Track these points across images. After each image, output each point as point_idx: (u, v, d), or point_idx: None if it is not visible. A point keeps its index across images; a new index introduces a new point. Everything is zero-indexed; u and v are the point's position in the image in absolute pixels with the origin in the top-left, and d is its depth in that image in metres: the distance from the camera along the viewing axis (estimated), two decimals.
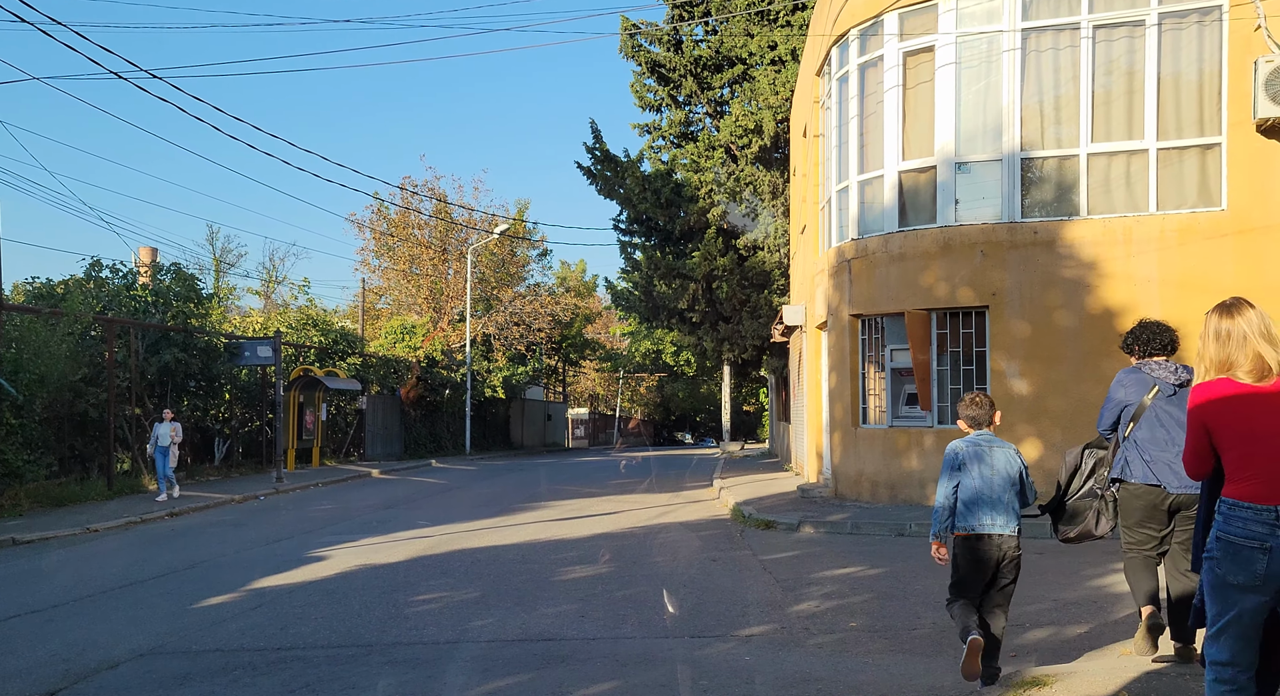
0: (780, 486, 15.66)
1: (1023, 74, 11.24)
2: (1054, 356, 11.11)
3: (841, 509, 11.93)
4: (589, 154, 25.55)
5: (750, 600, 7.11)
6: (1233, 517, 3.12)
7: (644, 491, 16.72)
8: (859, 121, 12.62)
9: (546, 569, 8.65)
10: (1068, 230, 11.14)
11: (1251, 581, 3.08)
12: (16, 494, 13.60)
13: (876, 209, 12.36)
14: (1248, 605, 3.12)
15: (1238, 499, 3.13)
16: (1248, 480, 3.12)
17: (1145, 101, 10.85)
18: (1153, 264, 10.84)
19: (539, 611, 6.81)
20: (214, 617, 6.87)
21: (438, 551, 9.81)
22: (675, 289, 24.68)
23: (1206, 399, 3.23)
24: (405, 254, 38.43)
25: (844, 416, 12.86)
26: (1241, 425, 3.15)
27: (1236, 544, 3.10)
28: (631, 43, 23.89)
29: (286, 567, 8.95)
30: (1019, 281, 11.29)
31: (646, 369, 55.30)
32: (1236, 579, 3.10)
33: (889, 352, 12.43)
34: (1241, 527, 3.09)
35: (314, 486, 18.70)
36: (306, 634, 6.28)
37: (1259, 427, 3.12)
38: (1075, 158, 11.13)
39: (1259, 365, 3.15)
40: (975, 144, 11.49)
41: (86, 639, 6.29)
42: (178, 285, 18.99)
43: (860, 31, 12.54)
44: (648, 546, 9.94)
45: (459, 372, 33.87)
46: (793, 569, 8.46)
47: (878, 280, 12.23)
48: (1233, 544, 3.11)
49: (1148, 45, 10.84)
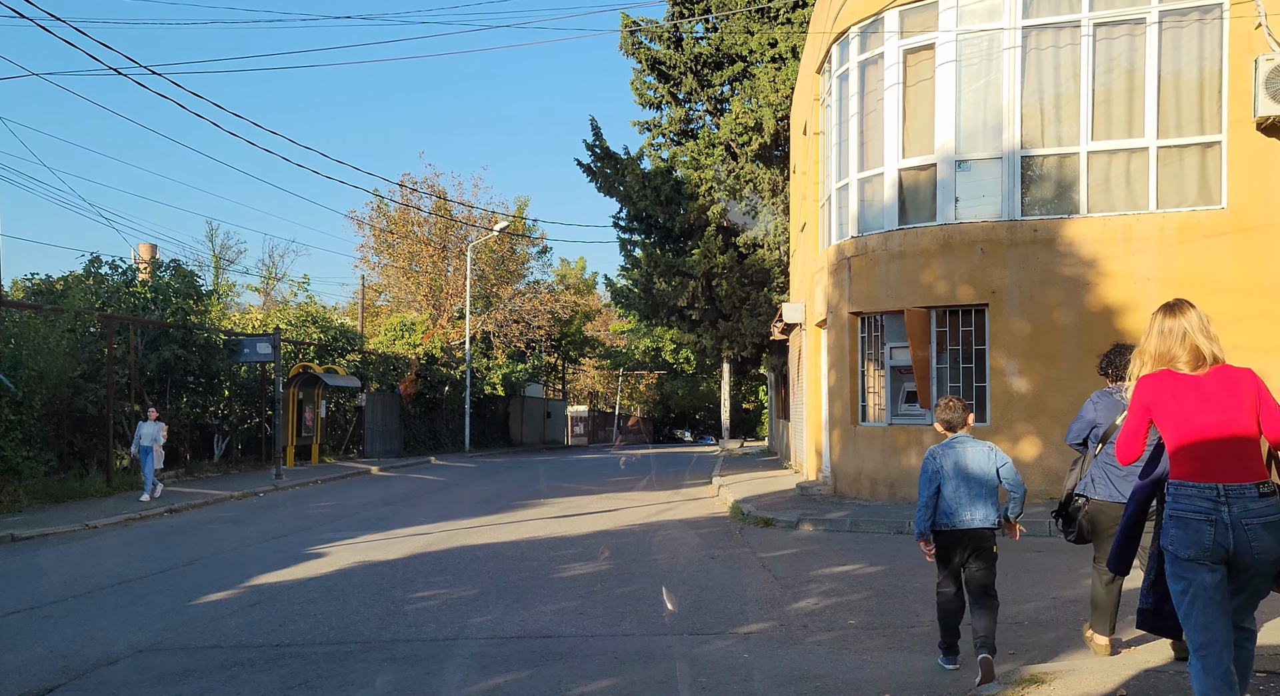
0: (779, 484, 15.66)
1: (1023, 72, 11.23)
2: (1054, 354, 11.11)
3: (840, 506, 11.93)
4: (589, 151, 25.55)
5: (749, 597, 7.10)
6: (1180, 496, 3.42)
7: (643, 489, 16.72)
8: (859, 119, 12.61)
9: (545, 566, 8.65)
10: (1068, 228, 11.13)
11: (1201, 553, 3.33)
12: (15, 490, 13.59)
13: (876, 206, 12.35)
14: (1205, 580, 3.34)
15: (1182, 479, 3.43)
16: (1188, 461, 3.42)
17: (1146, 99, 10.84)
18: (1153, 262, 10.83)
19: (538, 608, 6.82)
20: (213, 614, 6.87)
21: (437, 548, 9.81)
22: (675, 286, 24.68)
23: (1150, 387, 3.56)
24: (405, 251, 38.43)
25: (843, 414, 12.86)
26: (1180, 411, 3.46)
27: (1185, 517, 3.38)
28: (632, 40, 23.87)
29: (285, 564, 8.95)
30: (1019, 279, 11.29)
31: (646, 366, 55.34)
32: (1188, 551, 3.35)
33: (888, 350, 12.43)
34: (1188, 503, 3.38)
35: (313, 483, 18.70)
36: (305, 630, 6.28)
37: (1195, 413, 3.43)
38: (1075, 156, 11.12)
39: (1196, 357, 3.50)
40: (975, 142, 11.48)
41: (85, 635, 6.29)
42: (177, 282, 18.98)
43: (861, 29, 12.53)
44: (647, 544, 9.95)
45: (458, 370, 33.88)
46: (792, 566, 8.46)
47: (877, 278, 12.23)
48: (1182, 518, 3.39)
49: (1148, 43, 10.83)
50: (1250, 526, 3.29)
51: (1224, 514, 3.31)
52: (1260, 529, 3.29)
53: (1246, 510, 3.31)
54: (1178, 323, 3.54)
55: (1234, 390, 3.44)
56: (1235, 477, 3.35)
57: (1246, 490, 3.33)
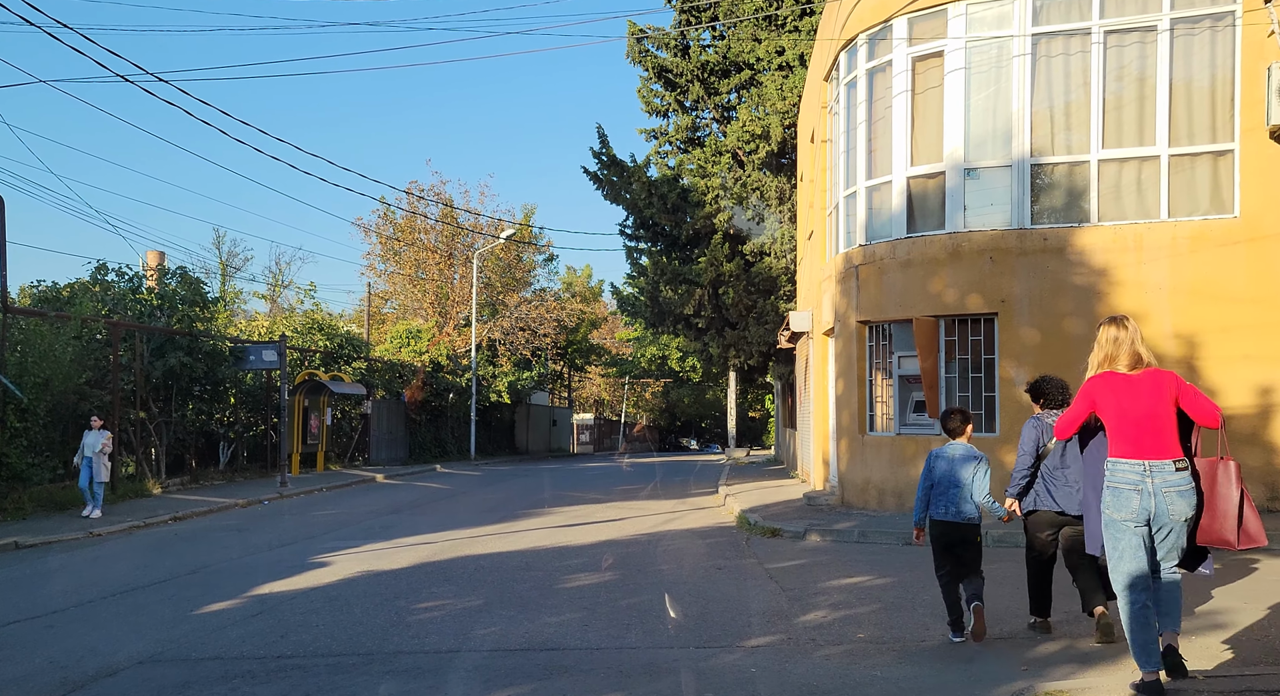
0: (786, 494, 15.55)
1: (1033, 79, 11.16)
2: (1064, 364, 10.94)
3: (848, 517, 11.83)
4: (595, 159, 25.52)
5: (756, 609, 7.02)
6: (1115, 470, 4.45)
7: (649, 497, 16.63)
8: (867, 127, 12.55)
9: (550, 576, 8.57)
10: (1078, 237, 11.04)
11: (1130, 515, 4.38)
12: (20, 497, 13.57)
13: (885, 215, 12.27)
14: (1133, 539, 4.40)
15: (1117, 458, 4.46)
16: (1122, 443, 4.44)
17: (1157, 107, 10.75)
18: (1164, 271, 10.73)
19: (542, 620, 6.74)
20: (214, 624, 6.81)
21: (441, 558, 9.74)
22: (681, 294, 24.60)
23: (1096, 386, 4.57)
24: (411, 258, 38.43)
25: (851, 423, 12.76)
26: (1118, 403, 4.46)
27: (1119, 488, 4.42)
28: (639, 48, 23.85)
29: (289, 574, 8.89)
30: (1028, 288, 11.19)
31: (652, 374, 55.21)
32: (1120, 512, 4.41)
33: (897, 359, 12.34)
34: (1122, 476, 4.41)
35: (318, 491, 18.65)
36: (307, 642, 6.21)
37: (1128, 404, 4.44)
38: (1086, 164, 11.04)
39: (1135, 358, 4.48)
40: (985, 150, 11.41)
41: (85, 645, 6.23)
42: (183, 289, 18.97)
43: (869, 36, 12.48)
44: (652, 554, 9.86)
45: (464, 377, 33.83)
46: (799, 578, 8.36)
47: (886, 286, 12.14)
48: (1118, 488, 4.43)
49: (1159, 51, 10.74)
50: (1167, 493, 4.33)
51: (1148, 484, 4.34)
52: (1175, 495, 4.33)
53: (1165, 481, 4.33)
54: (1124, 332, 4.53)
55: (1159, 387, 4.41)
56: (1157, 455, 4.36)
57: (1165, 465, 4.35)
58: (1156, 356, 4.71)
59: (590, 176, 25.64)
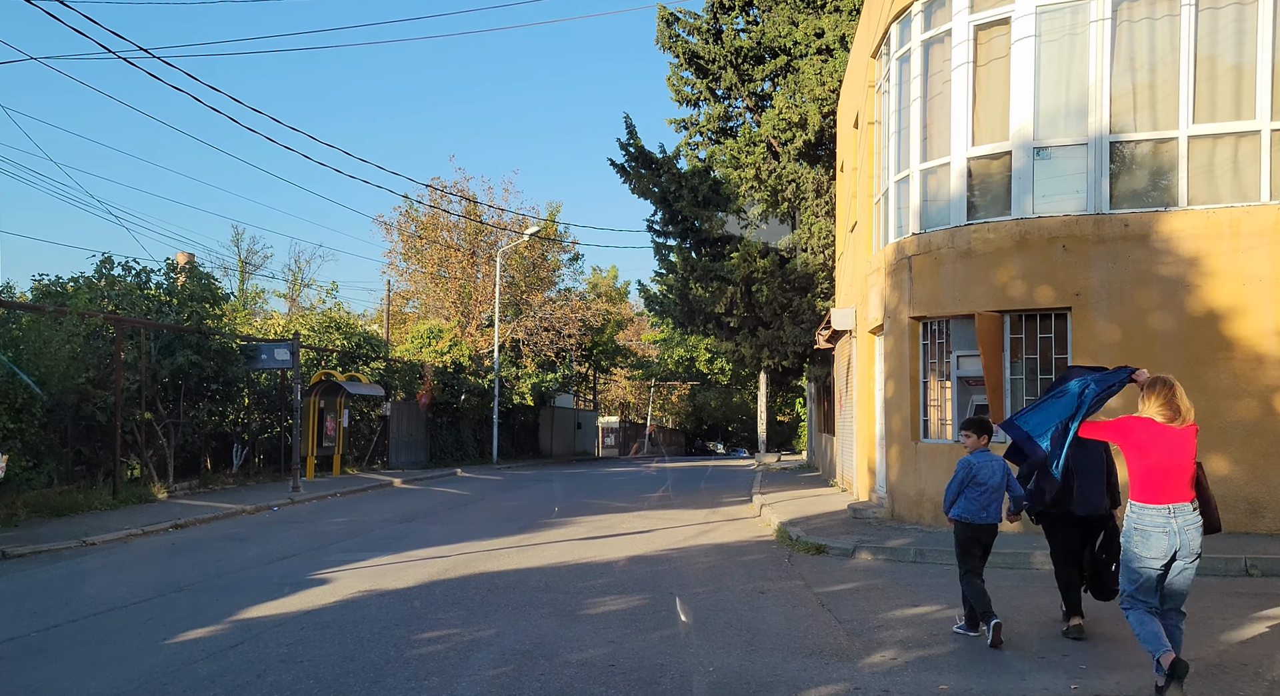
0: (827, 504, 14.47)
1: (1113, 48, 10.01)
2: (1149, 364, 9.68)
3: (901, 532, 10.75)
4: (623, 150, 24.54)
5: (810, 646, 6.00)
6: (1143, 515, 4.89)
7: (678, 506, 15.61)
8: (922, 104, 11.45)
9: (572, 599, 7.59)
10: (1164, 222, 9.88)
11: (1160, 554, 4.83)
12: (13, 502, 12.79)
13: (942, 200, 11.17)
14: (1151, 573, 4.87)
15: (1145, 502, 4.90)
16: (1150, 490, 4.88)
17: (1257, 77, 9.58)
18: (1264, 260, 9.55)
19: (562, 657, 5.76)
20: (186, 657, 5.89)
21: (452, 575, 8.80)
22: (713, 292, 23.56)
23: (1135, 425, 4.97)
24: (434, 256, 37.65)
25: (902, 429, 11.66)
26: (1154, 450, 4.87)
27: (1148, 531, 4.86)
28: (669, 33, 22.84)
29: (282, 593, 7.97)
30: (1107, 280, 10.05)
31: (679, 377, 54.17)
32: (1149, 551, 4.85)
33: (955, 359, 11.22)
34: (1150, 520, 4.86)
35: (331, 496, 17.80)
36: (286, 683, 5.27)
37: (1163, 457, 4.85)
38: (1173, 141, 9.88)
39: (1176, 412, 4.88)
40: (1056, 126, 10.28)
41: (30, 686, 5.31)
42: (192, 284, 18.18)
43: (925, 4, 11.38)
44: (685, 574, 8.84)
45: (487, 378, 32.96)
46: (856, 606, 7.32)
47: (943, 279, 11.03)
48: (1146, 532, 4.86)
49: (1260, 13, 9.57)
50: (1187, 530, 4.83)
51: (1173, 525, 4.82)
52: (1194, 531, 4.85)
53: (1186, 521, 4.83)
54: (1174, 392, 4.91)
55: (1186, 441, 4.85)
56: (1180, 498, 4.85)
57: (1185, 508, 4.85)
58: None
59: (617, 169, 24.66)
